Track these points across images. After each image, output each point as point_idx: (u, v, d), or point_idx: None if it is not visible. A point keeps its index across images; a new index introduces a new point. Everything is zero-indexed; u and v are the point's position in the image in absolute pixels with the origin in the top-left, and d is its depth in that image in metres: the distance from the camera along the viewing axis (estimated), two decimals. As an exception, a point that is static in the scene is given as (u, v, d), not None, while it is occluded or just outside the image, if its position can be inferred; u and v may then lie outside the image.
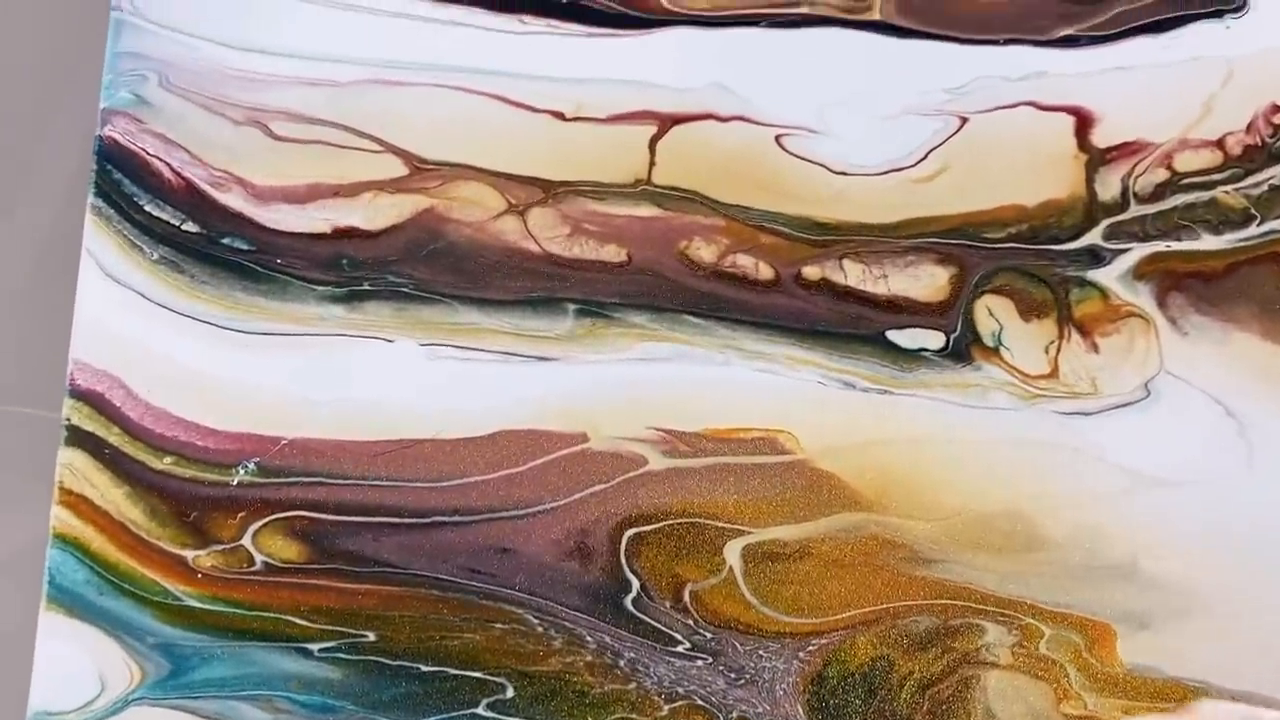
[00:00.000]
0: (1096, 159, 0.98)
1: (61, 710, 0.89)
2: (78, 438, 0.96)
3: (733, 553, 0.95)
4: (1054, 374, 0.97)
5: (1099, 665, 0.90)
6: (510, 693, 0.90)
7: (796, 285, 0.98)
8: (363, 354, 0.97)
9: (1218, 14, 0.99)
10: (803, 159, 0.98)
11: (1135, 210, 0.98)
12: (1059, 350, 0.97)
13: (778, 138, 0.98)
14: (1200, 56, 0.99)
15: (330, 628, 0.93)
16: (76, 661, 0.90)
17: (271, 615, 0.94)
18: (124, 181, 0.98)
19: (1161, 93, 0.98)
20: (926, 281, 0.98)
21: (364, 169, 0.98)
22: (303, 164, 0.99)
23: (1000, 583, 0.94)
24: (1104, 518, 0.93)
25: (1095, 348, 0.97)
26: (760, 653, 0.90)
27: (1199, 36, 1.00)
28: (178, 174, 0.99)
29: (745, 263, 0.98)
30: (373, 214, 0.98)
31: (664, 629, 0.93)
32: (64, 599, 0.93)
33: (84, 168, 0.95)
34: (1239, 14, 1.00)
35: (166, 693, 0.90)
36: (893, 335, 0.97)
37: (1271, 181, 0.97)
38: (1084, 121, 0.99)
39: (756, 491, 0.95)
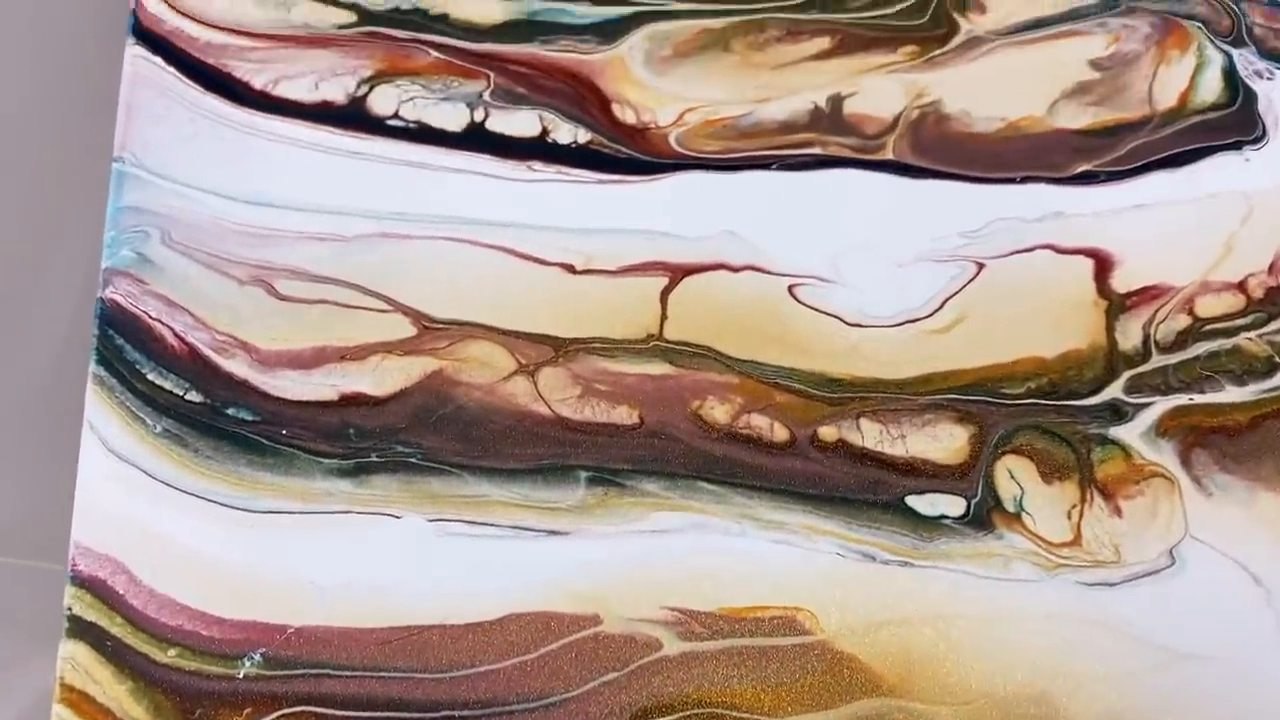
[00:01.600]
0: (1117, 305, 0.81)
1: None
2: (79, 628, 0.73)
3: (751, 746, 0.67)
4: (1077, 541, 0.77)
5: None
6: None
7: (813, 447, 0.77)
8: (370, 532, 0.75)
9: (1236, 145, 0.83)
10: (816, 310, 0.80)
11: (1157, 360, 0.80)
12: (1082, 515, 0.77)
13: (790, 288, 0.80)
14: (1219, 192, 0.82)
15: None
16: None
17: (278, 820, 0.67)
18: (126, 348, 0.77)
19: (1181, 232, 0.81)
20: (945, 442, 0.78)
21: (371, 330, 0.78)
22: (309, 326, 0.78)
23: (1025, 771, 0.67)
24: (1128, 697, 0.74)
25: (1118, 511, 0.77)
26: None
27: (1218, 170, 0.83)
28: (181, 339, 0.77)
29: (760, 423, 0.78)
30: (380, 378, 0.77)
31: (681, 831, 0.67)
32: (64, 807, 0.67)
33: (85, 320, 0.77)
34: (1258, 145, 0.83)
35: None
36: (912, 501, 0.77)
37: None
38: (1103, 265, 0.81)
39: (775, 677, 0.74)
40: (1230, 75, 0.85)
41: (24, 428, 0.85)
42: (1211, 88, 0.85)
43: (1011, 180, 0.82)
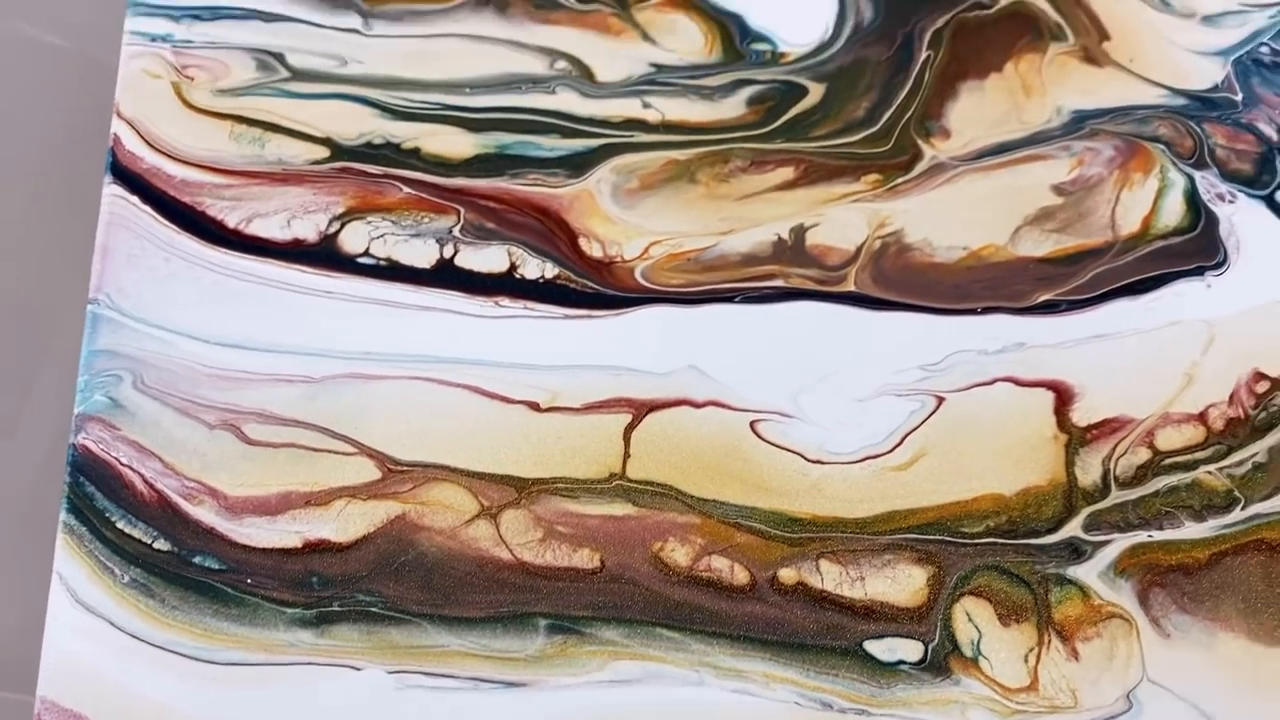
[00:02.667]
0: (1077, 439, 0.69)
1: None
2: (41, 792, 0.57)
3: None
4: (1034, 686, 0.65)
5: None
6: None
7: (772, 590, 0.66)
8: (330, 685, 0.64)
9: (1199, 271, 0.73)
10: (777, 446, 0.69)
11: (1117, 496, 0.68)
12: (1039, 659, 0.65)
13: (752, 423, 0.69)
14: (1181, 320, 0.72)
15: None
16: None
17: None
18: (96, 495, 0.66)
19: (1143, 362, 0.70)
20: (904, 584, 0.66)
21: (336, 474, 0.67)
22: (276, 471, 0.67)
23: None
24: None
25: (1076, 654, 0.65)
26: None
27: (1180, 297, 0.72)
28: (150, 486, 0.67)
29: (720, 566, 0.67)
30: (344, 524, 0.67)
31: None
32: None
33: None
34: (1220, 271, 0.73)
35: None
36: (870, 646, 0.65)
37: (1255, 459, 0.69)
38: (1064, 397, 0.70)
39: (729, 832, 0.57)
40: (1192, 198, 0.75)
41: None
42: (1174, 212, 0.74)
43: (972, 311, 0.72)
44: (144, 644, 0.64)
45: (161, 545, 0.66)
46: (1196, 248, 0.73)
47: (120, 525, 0.66)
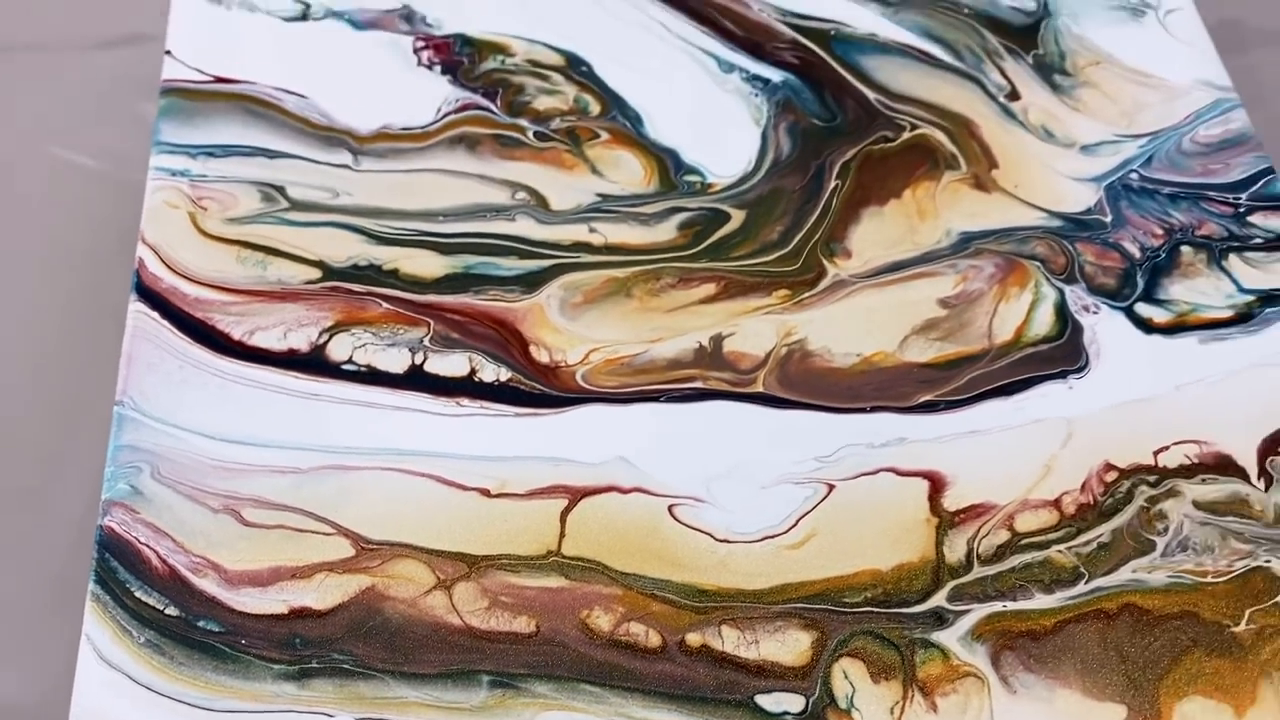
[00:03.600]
0: (946, 522, 0.79)
1: None
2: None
3: None
4: None
5: None
6: None
7: (680, 652, 0.76)
8: None
9: (1062, 375, 0.84)
10: (691, 527, 0.79)
11: (978, 571, 0.78)
12: (903, 711, 0.74)
13: (671, 507, 0.79)
14: (1044, 418, 0.82)
15: None
16: None
17: None
18: (119, 569, 0.77)
19: (1008, 455, 0.80)
20: (791, 646, 0.76)
21: (318, 552, 0.78)
22: (268, 549, 0.78)
23: None
24: None
25: (935, 707, 0.74)
26: None
27: (1044, 398, 0.83)
28: (163, 561, 0.77)
29: (637, 631, 0.77)
30: (323, 594, 0.77)
31: None
32: None
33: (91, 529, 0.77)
34: (1081, 374, 0.84)
35: None
36: (760, 699, 0.75)
37: (1100, 539, 0.79)
38: (937, 486, 0.80)
39: None
40: (1061, 310, 0.85)
41: (30, 624, 0.87)
42: (1044, 322, 0.85)
43: (863, 410, 0.82)
44: (157, 695, 0.74)
45: (172, 611, 0.76)
46: (1062, 354, 0.83)
47: (138, 594, 0.76)
